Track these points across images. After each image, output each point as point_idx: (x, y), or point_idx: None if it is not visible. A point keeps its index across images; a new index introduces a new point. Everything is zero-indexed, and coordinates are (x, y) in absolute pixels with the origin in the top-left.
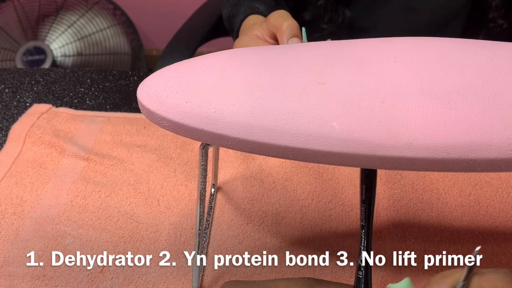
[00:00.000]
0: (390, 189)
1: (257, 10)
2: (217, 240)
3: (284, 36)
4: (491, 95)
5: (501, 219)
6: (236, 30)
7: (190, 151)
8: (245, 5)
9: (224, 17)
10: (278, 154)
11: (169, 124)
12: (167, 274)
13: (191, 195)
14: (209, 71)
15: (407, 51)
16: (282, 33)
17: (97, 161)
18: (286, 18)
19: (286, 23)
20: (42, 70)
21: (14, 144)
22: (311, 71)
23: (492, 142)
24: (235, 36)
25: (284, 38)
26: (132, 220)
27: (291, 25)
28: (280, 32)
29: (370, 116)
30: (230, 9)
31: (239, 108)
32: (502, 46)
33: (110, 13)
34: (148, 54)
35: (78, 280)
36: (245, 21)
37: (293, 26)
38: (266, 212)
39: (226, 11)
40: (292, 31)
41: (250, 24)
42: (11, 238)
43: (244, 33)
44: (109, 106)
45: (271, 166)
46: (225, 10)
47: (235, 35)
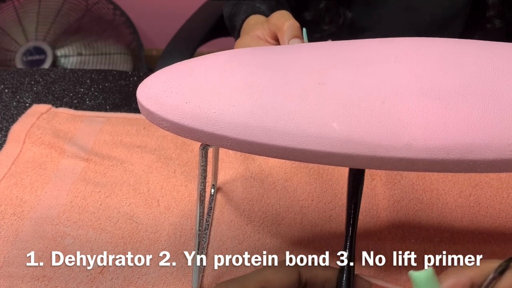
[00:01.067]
0: (390, 190)
1: (259, 9)
2: (217, 240)
3: (285, 36)
4: (491, 95)
5: (501, 220)
6: (238, 29)
7: (190, 151)
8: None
9: (225, 16)
10: (278, 155)
11: (168, 125)
12: (167, 274)
13: (191, 196)
14: (209, 71)
15: (407, 52)
16: (283, 34)
17: (97, 162)
18: (288, 18)
19: (288, 23)
20: (42, 70)
21: (14, 145)
22: (311, 71)
23: (492, 142)
24: (237, 35)
25: (285, 38)
26: (132, 220)
27: (293, 26)
28: (281, 32)
29: (370, 117)
30: (231, 8)
31: (239, 109)
32: (502, 46)
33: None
34: (148, 54)
35: (78, 280)
36: (247, 20)
37: (294, 26)
38: (266, 212)
39: (227, 9)
40: (293, 31)
41: (252, 24)
42: (11, 238)
43: (246, 33)
44: (109, 107)
45: (271, 166)
46: (226, 8)
47: (237, 34)
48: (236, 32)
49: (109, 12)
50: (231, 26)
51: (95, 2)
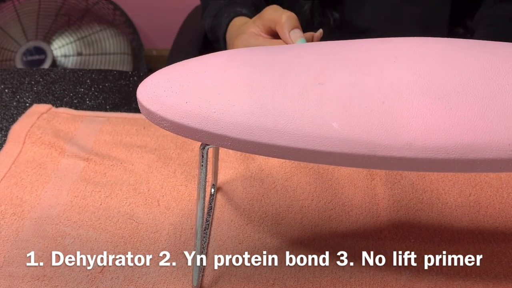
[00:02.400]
0: (390, 190)
1: (240, 12)
2: (217, 240)
3: (285, 28)
4: (491, 95)
5: (501, 219)
6: (222, 35)
7: (190, 151)
8: (226, 11)
9: (206, 29)
10: (278, 155)
11: (169, 125)
12: (167, 274)
13: (191, 195)
14: (209, 71)
15: (407, 51)
16: (282, 26)
17: (97, 161)
18: (283, 11)
19: (285, 15)
20: (42, 70)
21: (14, 144)
22: (311, 71)
23: (492, 142)
24: (222, 43)
25: (285, 30)
26: (132, 220)
27: (291, 17)
28: (280, 25)
29: (370, 117)
30: (212, 19)
31: (239, 109)
32: (503, 46)
33: (110, 13)
34: (148, 54)
35: (78, 280)
36: (231, 24)
37: (292, 17)
38: (266, 212)
39: (208, 22)
40: (292, 22)
41: (239, 25)
42: (11, 238)
43: (240, 32)
44: (109, 106)
45: (271, 166)
46: (206, 21)
47: (222, 41)
48: (221, 39)
49: (109, 12)
50: (214, 37)
51: (95, 2)
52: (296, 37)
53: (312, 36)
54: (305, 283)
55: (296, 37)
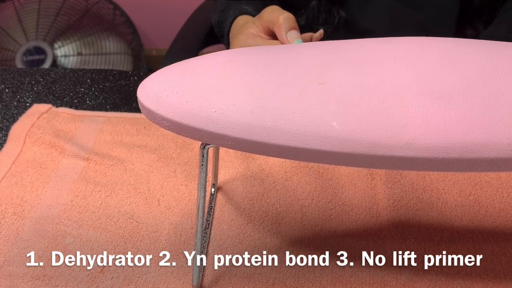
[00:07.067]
0: (390, 189)
1: (245, 11)
2: (217, 240)
3: (282, 29)
4: (491, 94)
5: (501, 219)
6: (227, 33)
7: (190, 151)
8: (233, 8)
9: (213, 24)
10: (278, 154)
11: (169, 124)
12: (167, 274)
13: (191, 195)
14: (209, 71)
15: (407, 51)
16: (280, 27)
17: (97, 161)
18: (281, 11)
19: (283, 16)
20: (42, 70)
21: (14, 144)
22: (311, 71)
23: (492, 142)
24: (226, 39)
25: (282, 31)
26: (132, 220)
27: (288, 18)
28: (277, 26)
29: (370, 116)
30: (219, 15)
31: (239, 108)
32: (503, 46)
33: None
34: (148, 54)
35: (78, 280)
36: (234, 22)
37: (290, 18)
38: (266, 212)
39: (215, 17)
40: (290, 23)
41: (241, 24)
42: (11, 238)
43: (240, 32)
44: (109, 106)
45: (271, 166)
46: (214, 16)
47: (226, 38)
48: (225, 35)
49: (109, 12)
50: (220, 32)
51: (95, 2)
52: (293, 38)
53: (310, 37)
54: (305, 282)
55: (293, 38)
